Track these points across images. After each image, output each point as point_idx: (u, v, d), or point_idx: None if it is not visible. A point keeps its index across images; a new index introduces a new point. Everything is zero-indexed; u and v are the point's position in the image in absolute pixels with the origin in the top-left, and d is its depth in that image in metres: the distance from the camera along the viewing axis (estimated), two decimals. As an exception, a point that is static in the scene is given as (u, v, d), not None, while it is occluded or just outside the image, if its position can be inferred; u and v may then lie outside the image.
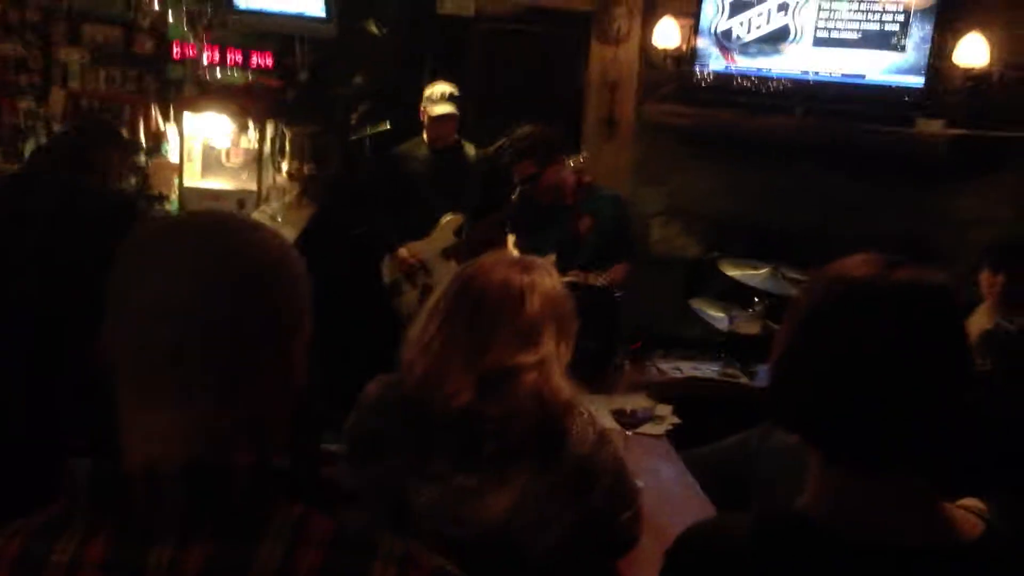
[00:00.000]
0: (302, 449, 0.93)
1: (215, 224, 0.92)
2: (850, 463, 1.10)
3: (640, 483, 1.85)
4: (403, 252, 4.10)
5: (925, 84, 4.18)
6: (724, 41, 4.50)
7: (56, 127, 4.20)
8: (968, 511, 1.15)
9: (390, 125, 4.54)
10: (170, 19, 4.40)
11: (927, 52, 4.16)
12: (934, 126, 4.23)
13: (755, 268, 3.67)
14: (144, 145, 4.22)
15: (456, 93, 4.15)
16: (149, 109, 4.21)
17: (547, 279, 1.68)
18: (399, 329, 3.82)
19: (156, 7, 4.39)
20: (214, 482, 0.83)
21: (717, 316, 3.51)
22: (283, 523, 0.83)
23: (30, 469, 0.92)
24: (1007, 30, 4.17)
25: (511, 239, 3.66)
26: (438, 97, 4.13)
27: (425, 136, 4.22)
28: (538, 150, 3.45)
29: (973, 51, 4.13)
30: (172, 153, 4.30)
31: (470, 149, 4.32)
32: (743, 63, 4.48)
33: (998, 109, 4.24)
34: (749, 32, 4.46)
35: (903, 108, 4.27)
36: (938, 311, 1.08)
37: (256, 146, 4.39)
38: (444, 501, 1.54)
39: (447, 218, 4.15)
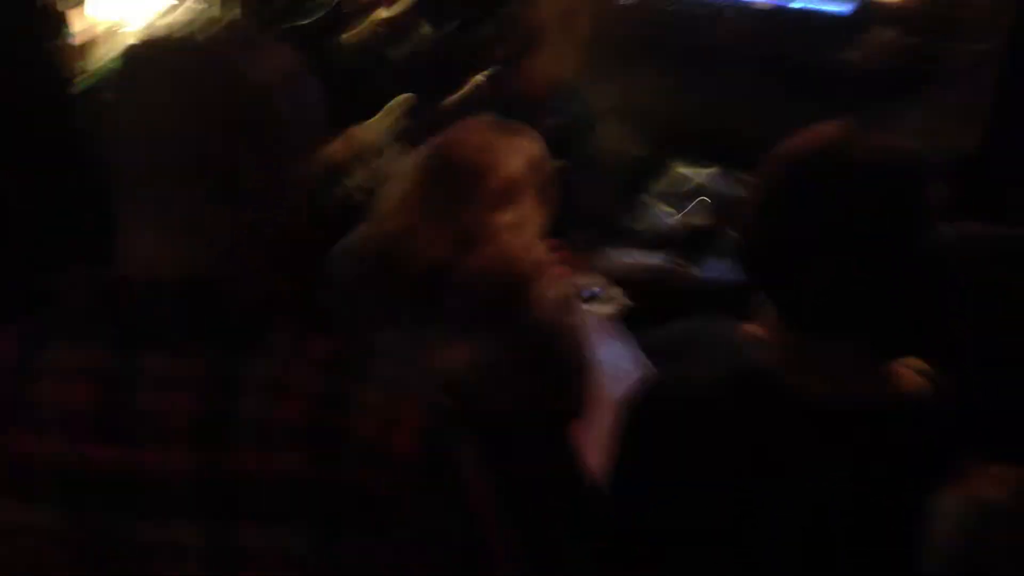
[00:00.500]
0: (301, 276, 0.93)
1: (217, 41, 0.91)
2: (805, 322, 1.14)
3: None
4: (353, 133, 4.03)
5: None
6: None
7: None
8: (913, 370, 1.21)
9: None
10: None
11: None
12: (885, 35, 4.26)
13: (703, 168, 3.71)
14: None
15: None
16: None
17: (529, 143, 1.68)
18: (348, 211, 3.80)
19: None
20: (212, 293, 0.82)
21: (666, 211, 3.56)
22: (279, 340, 0.84)
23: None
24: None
25: None
26: None
27: (383, 12, 4.11)
28: (527, 32, 3.33)
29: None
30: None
31: (425, 29, 4.22)
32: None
33: (949, 22, 4.27)
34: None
35: (854, 16, 4.28)
36: (908, 176, 1.12)
37: (200, 15, 4.21)
38: (400, 352, 1.55)
39: (398, 99, 4.07)
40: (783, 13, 4.40)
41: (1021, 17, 4.21)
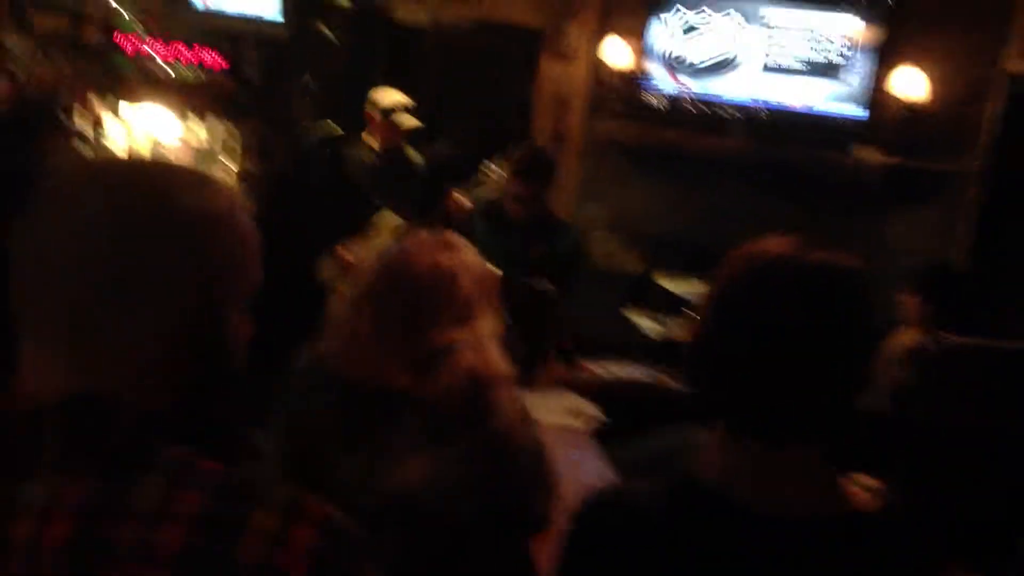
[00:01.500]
0: (223, 412, 0.91)
1: (151, 169, 0.89)
2: (754, 434, 1.13)
3: (560, 472, 1.85)
4: (342, 252, 4.10)
5: (865, 114, 4.32)
6: (674, 64, 4.59)
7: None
8: (862, 486, 1.19)
9: (339, 129, 4.55)
10: (124, 14, 4.37)
11: (868, 83, 4.30)
12: (870, 154, 4.35)
13: (690, 282, 3.75)
14: (86, 133, 4.16)
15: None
16: (87, 97, 4.14)
17: (469, 255, 1.68)
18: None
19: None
20: (94, 418, 0.80)
21: (650, 325, 3.57)
22: (165, 465, 0.81)
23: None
24: (944, 66, 4.33)
25: None
26: (401, 108, 4.18)
27: (375, 140, 4.24)
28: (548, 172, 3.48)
29: (911, 85, 4.28)
30: (113, 140, 4.24)
31: (414, 155, 4.35)
32: (692, 85, 4.57)
33: (931, 142, 4.38)
34: (699, 57, 4.55)
35: (842, 136, 4.39)
36: (850, 291, 1.12)
37: (204, 143, 4.36)
38: (360, 470, 1.53)
39: (387, 220, 4.16)
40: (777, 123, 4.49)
41: (998, 141, 4.32)
